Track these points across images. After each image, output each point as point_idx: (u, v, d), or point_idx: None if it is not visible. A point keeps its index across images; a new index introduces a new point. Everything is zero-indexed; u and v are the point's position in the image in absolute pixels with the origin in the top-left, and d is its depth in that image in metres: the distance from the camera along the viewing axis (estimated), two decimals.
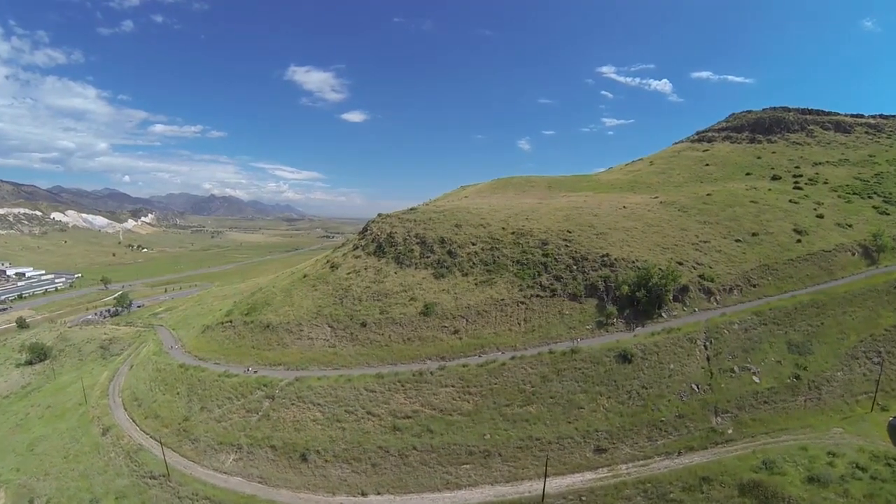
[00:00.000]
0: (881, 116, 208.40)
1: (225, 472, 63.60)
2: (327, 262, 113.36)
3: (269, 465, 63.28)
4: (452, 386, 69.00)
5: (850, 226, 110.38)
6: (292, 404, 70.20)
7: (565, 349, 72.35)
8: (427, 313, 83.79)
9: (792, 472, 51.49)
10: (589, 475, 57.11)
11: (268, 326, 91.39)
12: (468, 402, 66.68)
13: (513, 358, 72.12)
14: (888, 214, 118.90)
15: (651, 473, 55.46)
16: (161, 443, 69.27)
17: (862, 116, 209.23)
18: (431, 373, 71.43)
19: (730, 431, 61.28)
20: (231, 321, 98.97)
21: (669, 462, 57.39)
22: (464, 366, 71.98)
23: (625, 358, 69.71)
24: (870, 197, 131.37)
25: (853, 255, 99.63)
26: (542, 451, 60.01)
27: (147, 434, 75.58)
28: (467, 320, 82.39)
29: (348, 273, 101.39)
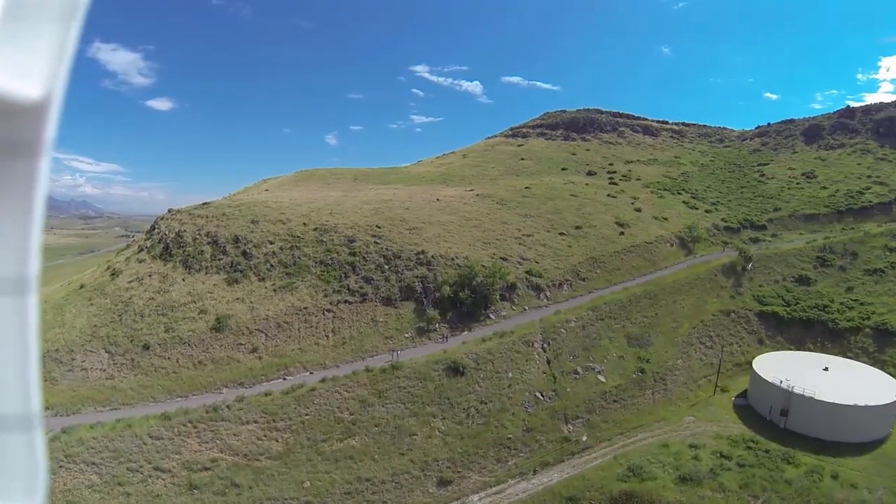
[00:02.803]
0: (683, 124, 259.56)
1: None
2: (108, 267, 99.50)
3: None
4: (255, 422, 62.33)
5: (665, 219, 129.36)
6: (60, 467, 58.84)
7: (384, 365, 68.99)
8: (219, 328, 76.85)
9: (661, 475, 54.73)
10: None
11: None
12: (277, 442, 60.60)
13: (323, 380, 67.21)
14: (696, 209, 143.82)
15: (509, 502, 54.49)
16: None
17: (667, 123, 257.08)
18: (229, 406, 64.31)
19: (584, 438, 63.83)
20: None
21: (527, 484, 57.09)
22: (267, 394, 65.86)
23: (456, 370, 68.68)
24: (679, 193, 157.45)
25: (672, 245, 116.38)
26: (375, 493, 56.26)
27: None
28: (266, 335, 76.11)
29: (130, 281, 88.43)
